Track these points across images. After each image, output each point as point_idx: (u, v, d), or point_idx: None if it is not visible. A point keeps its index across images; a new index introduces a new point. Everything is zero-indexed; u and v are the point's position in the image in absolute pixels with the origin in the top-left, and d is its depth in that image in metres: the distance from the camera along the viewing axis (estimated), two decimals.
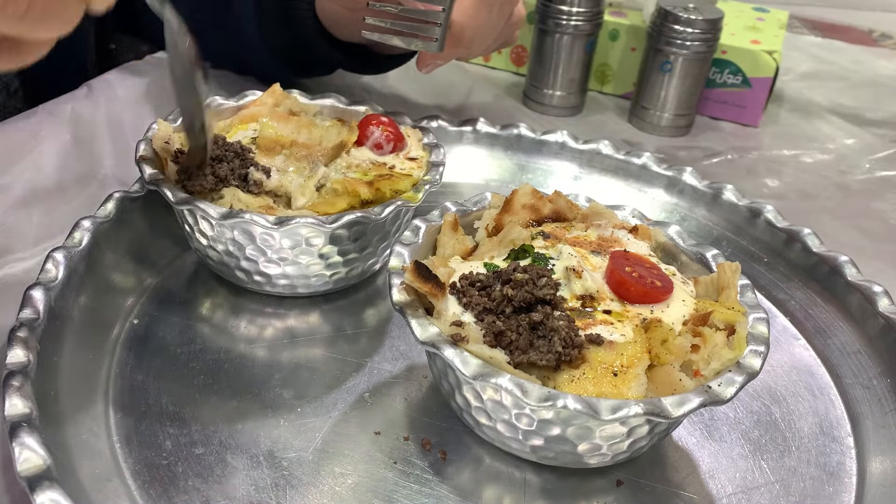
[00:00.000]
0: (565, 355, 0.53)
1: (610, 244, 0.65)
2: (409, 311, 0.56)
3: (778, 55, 1.13)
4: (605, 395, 0.53)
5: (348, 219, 0.67)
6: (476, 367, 0.52)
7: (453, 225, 0.66)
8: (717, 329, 0.57)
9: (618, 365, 0.54)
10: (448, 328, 0.55)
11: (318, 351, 0.70)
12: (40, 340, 0.60)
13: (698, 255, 0.66)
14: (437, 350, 0.53)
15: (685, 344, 0.55)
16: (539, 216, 0.69)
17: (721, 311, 0.59)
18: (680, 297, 0.60)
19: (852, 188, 1.04)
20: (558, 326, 0.54)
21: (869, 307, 0.73)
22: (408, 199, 0.70)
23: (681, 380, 0.54)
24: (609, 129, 1.14)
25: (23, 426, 0.52)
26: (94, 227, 0.71)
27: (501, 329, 0.55)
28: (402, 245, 0.63)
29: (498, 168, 0.98)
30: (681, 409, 0.51)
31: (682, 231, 0.69)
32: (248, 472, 0.58)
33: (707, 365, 0.55)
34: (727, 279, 0.62)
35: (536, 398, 0.51)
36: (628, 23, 1.17)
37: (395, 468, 0.60)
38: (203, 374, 0.66)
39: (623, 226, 0.68)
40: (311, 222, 0.66)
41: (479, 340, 0.54)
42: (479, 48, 0.87)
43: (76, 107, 0.97)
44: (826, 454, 0.64)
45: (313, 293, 0.75)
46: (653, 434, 0.56)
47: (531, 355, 0.54)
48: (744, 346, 0.56)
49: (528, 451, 0.58)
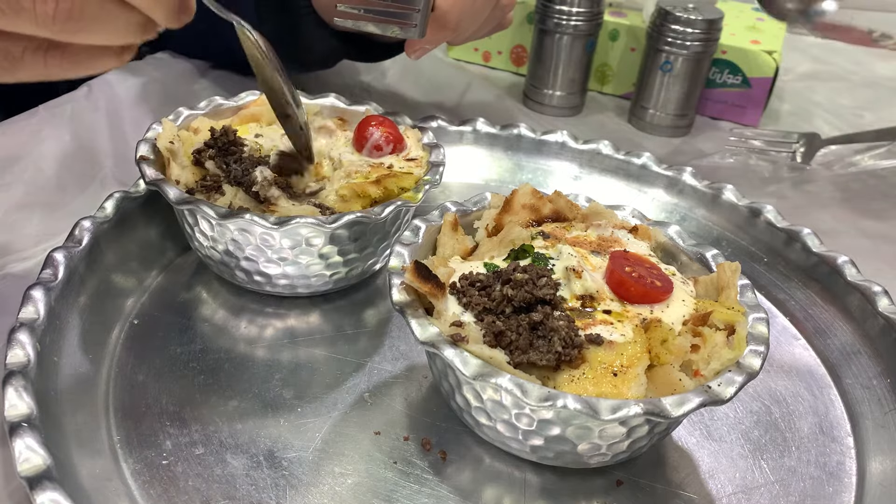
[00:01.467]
0: (565, 355, 0.53)
1: (610, 244, 0.65)
2: (409, 310, 0.56)
3: (778, 55, 1.13)
4: (605, 394, 0.53)
5: (348, 219, 0.67)
6: (476, 367, 0.52)
7: (453, 225, 0.66)
8: (716, 329, 0.57)
9: (618, 365, 0.54)
10: (448, 328, 0.55)
11: (318, 351, 0.70)
12: (40, 340, 0.60)
13: (698, 255, 0.66)
14: (437, 350, 0.53)
15: (685, 344, 0.55)
16: (539, 216, 0.69)
17: (721, 310, 0.59)
18: (680, 297, 0.60)
19: (852, 188, 1.04)
20: (558, 326, 0.54)
21: (869, 307, 0.73)
22: (408, 199, 0.70)
23: (681, 380, 0.54)
24: (609, 129, 1.14)
25: (23, 426, 0.52)
26: (94, 227, 0.71)
27: (501, 329, 0.55)
28: (402, 245, 0.63)
29: (498, 168, 0.98)
30: (680, 409, 0.51)
31: (682, 231, 0.69)
32: (248, 472, 0.58)
33: (707, 365, 0.55)
34: (727, 279, 0.62)
35: (536, 398, 0.51)
36: (628, 23, 1.17)
37: (395, 468, 0.60)
38: (203, 374, 0.66)
39: (623, 226, 0.68)
40: (311, 222, 0.66)
41: (478, 340, 0.54)
42: (466, 32, 0.86)
43: (76, 107, 0.97)
44: (826, 454, 0.64)
45: (313, 293, 0.75)
46: (652, 434, 0.56)
47: (531, 355, 0.54)
48: (744, 345, 0.56)
49: (528, 451, 0.58)
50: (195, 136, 0.77)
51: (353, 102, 0.85)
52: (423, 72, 1.21)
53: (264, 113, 0.81)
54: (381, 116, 0.80)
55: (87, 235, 0.70)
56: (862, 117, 1.24)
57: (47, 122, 0.93)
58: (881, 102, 1.30)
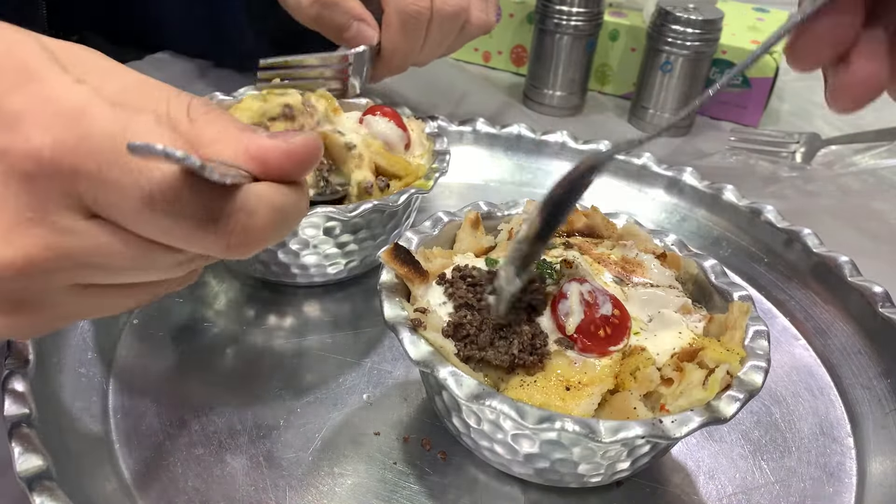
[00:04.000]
0: (519, 359, 0.53)
1: (633, 267, 0.63)
2: (386, 292, 0.57)
3: (778, 55, 1.12)
4: (549, 405, 0.51)
5: (366, 207, 0.67)
6: (423, 354, 0.52)
7: (473, 222, 0.66)
8: (705, 368, 0.54)
9: (575, 381, 0.53)
10: (412, 313, 0.56)
11: (319, 351, 0.70)
12: (40, 340, 0.59)
13: (726, 293, 0.62)
14: (395, 333, 0.54)
15: (653, 375, 0.53)
16: (570, 229, 0.67)
17: (716, 350, 0.55)
18: (676, 329, 0.57)
19: (852, 188, 1.04)
20: (522, 331, 0.54)
21: (869, 307, 0.73)
22: (420, 187, 0.71)
23: (635, 408, 0.52)
24: (609, 129, 1.14)
25: (23, 426, 0.52)
26: None
27: (461, 322, 0.55)
28: (415, 232, 0.63)
29: (498, 168, 0.98)
30: (614, 436, 0.48)
31: (719, 265, 0.64)
32: (248, 472, 0.58)
33: (675, 401, 0.52)
34: (734, 319, 0.58)
35: (467, 395, 0.50)
36: (628, 23, 1.17)
37: (395, 468, 0.60)
38: (203, 374, 0.66)
39: (652, 250, 0.65)
40: (332, 212, 0.67)
41: (436, 329, 0.55)
42: (423, 61, 0.87)
43: None
44: (826, 454, 0.64)
45: (328, 282, 0.76)
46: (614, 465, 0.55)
47: (488, 353, 0.54)
48: (715, 389, 0.52)
49: (487, 455, 0.58)
50: None
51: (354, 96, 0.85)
52: (422, 72, 1.21)
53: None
54: (384, 107, 0.80)
55: None
56: (862, 117, 1.23)
57: None
58: (881, 102, 1.28)
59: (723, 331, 0.59)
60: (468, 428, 0.56)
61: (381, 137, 0.75)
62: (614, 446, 0.52)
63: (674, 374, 0.53)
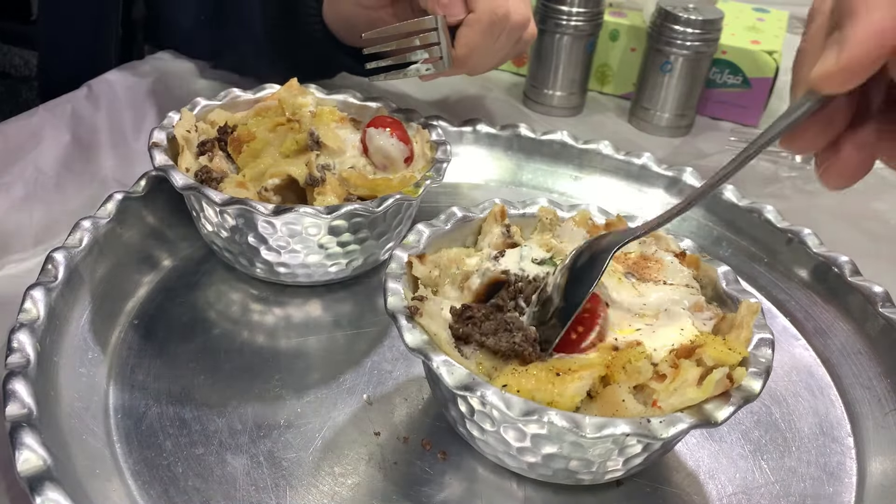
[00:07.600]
0: (520, 346, 0.54)
1: (648, 263, 0.63)
2: (391, 279, 0.57)
3: (778, 55, 1.13)
4: (540, 389, 0.51)
5: (346, 210, 0.68)
6: (418, 341, 0.53)
7: (497, 216, 0.67)
8: (703, 366, 0.53)
9: (565, 369, 0.53)
10: (410, 301, 0.56)
11: (319, 351, 0.70)
12: (40, 340, 0.60)
13: (735, 300, 0.61)
14: (394, 320, 0.55)
15: (643, 369, 0.52)
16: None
17: (717, 348, 0.54)
18: (678, 325, 0.57)
19: (852, 188, 1.04)
20: (525, 327, 0.55)
21: (869, 307, 0.73)
22: (408, 194, 0.71)
23: (623, 400, 0.51)
24: (609, 130, 1.14)
25: (23, 426, 0.52)
26: (93, 227, 0.71)
27: (469, 306, 0.56)
28: (428, 225, 0.64)
29: (498, 168, 0.98)
30: (599, 432, 0.48)
31: (731, 272, 0.64)
32: (248, 472, 0.58)
33: (668, 398, 0.52)
34: (741, 318, 0.58)
35: (456, 384, 0.51)
36: (628, 23, 1.17)
37: (395, 468, 0.60)
38: (203, 373, 0.66)
39: (672, 249, 0.65)
40: (310, 213, 0.67)
41: (432, 316, 0.55)
42: (482, 69, 0.89)
43: (76, 107, 0.97)
44: (826, 454, 0.64)
45: (314, 283, 0.76)
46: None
47: (489, 339, 0.54)
48: (710, 390, 0.51)
49: (480, 445, 0.58)
50: (212, 130, 0.79)
51: (366, 98, 0.85)
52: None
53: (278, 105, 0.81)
54: (389, 117, 0.80)
55: (87, 235, 0.70)
56: None
57: (47, 122, 0.93)
58: None
59: (731, 330, 0.58)
60: (463, 417, 0.57)
61: (381, 153, 0.75)
62: (601, 442, 0.52)
63: (669, 370, 0.53)
